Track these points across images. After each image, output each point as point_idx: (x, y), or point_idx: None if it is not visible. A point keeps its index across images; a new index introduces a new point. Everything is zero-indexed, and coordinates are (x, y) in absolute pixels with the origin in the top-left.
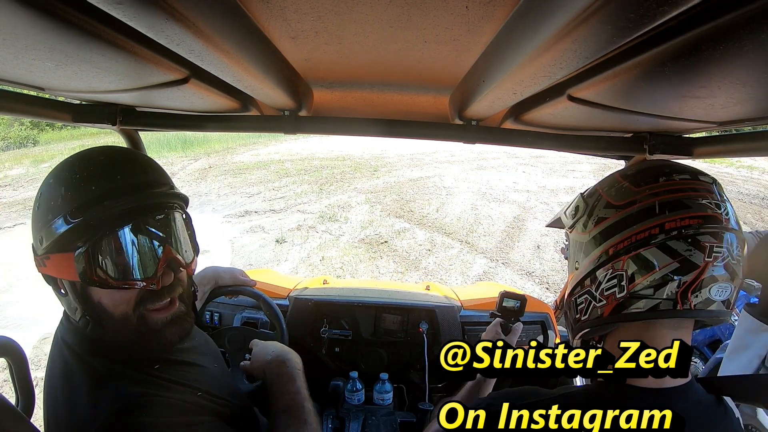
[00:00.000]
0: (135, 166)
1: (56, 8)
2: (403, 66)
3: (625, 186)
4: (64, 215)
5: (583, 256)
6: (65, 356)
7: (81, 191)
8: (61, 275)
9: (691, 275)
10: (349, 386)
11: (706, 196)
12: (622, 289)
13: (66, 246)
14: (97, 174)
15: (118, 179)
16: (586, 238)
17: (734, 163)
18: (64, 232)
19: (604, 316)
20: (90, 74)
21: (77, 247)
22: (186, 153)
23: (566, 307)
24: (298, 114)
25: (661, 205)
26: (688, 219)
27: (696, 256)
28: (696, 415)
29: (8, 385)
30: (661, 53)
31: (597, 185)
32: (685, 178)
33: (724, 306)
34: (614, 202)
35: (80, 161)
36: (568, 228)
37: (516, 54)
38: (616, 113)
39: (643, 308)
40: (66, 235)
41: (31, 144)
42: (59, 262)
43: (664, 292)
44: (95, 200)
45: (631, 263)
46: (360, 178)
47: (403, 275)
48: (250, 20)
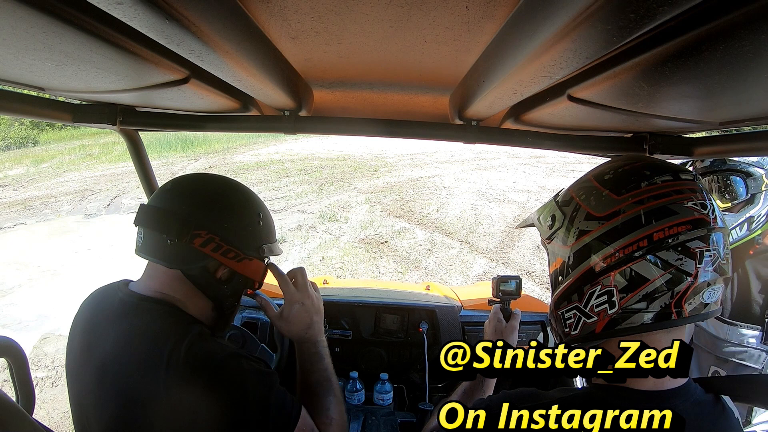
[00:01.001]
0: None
1: (56, 8)
2: (403, 66)
3: (605, 194)
4: (263, 244)
5: (566, 271)
6: (180, 318)
7: (269, 225)
8: (252, 275)
9: (683, 284)
10: (349, 386)
11: (690, 197)
12: (613, 305)
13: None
14: (268, 212)
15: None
16: (568, 252)
17: None
18: (264, 254)
19: (596, 332)
20: (90, 74)
21: (267, 258)
22: (186, 153)
23: (552, 318)
24: (298, 114)
25: (647, 215)
26: (676, 227)
27: (687, 265)
28: (695, 415)
29: (8, 385)
30: (661, 53)
31: (571, 190)
32: (667, 180)
33: (715, 305)
34: (595, 213)
35: (255, 198)
36: (545, 238)
37: (516, 54)
38: (616, 113)
39: (637, 323)
40: (264, 256)
41: (31, 144)
42: (254, 267)
43: (657, 305)
44: (270, 232)
45: (620, 278)
46: (360, 178)
47: (403, 275)
48: (250, 20)
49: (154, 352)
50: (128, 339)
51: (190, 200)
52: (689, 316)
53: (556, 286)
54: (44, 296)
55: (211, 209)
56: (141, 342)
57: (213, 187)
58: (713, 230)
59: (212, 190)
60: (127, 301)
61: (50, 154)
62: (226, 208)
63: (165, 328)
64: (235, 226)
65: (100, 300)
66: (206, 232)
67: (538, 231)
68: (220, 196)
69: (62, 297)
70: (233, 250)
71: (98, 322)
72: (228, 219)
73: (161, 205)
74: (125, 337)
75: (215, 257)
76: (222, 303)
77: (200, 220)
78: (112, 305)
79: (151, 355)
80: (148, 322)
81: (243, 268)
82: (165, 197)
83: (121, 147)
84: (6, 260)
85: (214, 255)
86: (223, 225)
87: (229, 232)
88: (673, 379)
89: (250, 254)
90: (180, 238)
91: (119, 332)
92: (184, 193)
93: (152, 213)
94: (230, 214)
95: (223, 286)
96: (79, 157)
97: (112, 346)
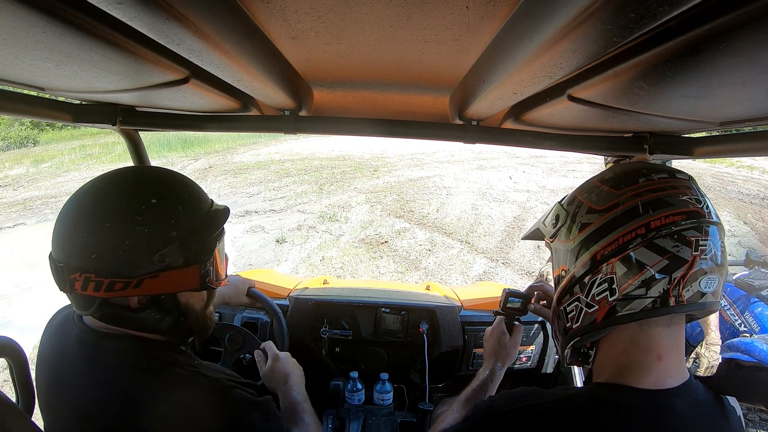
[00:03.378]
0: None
1: (56, 8)
2: (403, 66)
3: (606, 190)
4: (187, 233)
5: (569, 264)
6: (146, 353)
7: (196, 211)
8: (173, 288)
9: (680, 270)
10: (349, 386)
11: (685, 192)
12: (614, 292)
13: (192, 259)
14: (197, 193)
15: (207, 198)
16: (571, 246)
17: (734, 163)
18: (194, 246)
19: (597, 321)
20: (90, 74)
21: (203, 259)
22: (186, 153)
23: (554, 316)
24: (298, 114)
25: (644, 205)
26: (672, 216)
27: (684, 251)
28: (694, 414)
29: (8, 385)
30: (661, 53)
31: (575, 192)
32: (663, 177)
33: (713, 297)
34: (596, 206)
35: (175, 183)
36: (549, 237)
37: (516, 54)
38: (616, 113)
39: (637, 309)
40: (194, 249)
41: (31, 144)
42: (180, 276)
43: (656, 290)
44: (204, 218)
45: (620, 265)
46: (360, 178)
47: (404, 275)
48: (250, 20)
49: (129, 393)
50: (100, 382)
51: (59, 240)
52: (687, 303)
53: (559, 282)
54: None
55: (72, 243)
56: (113, 382)
57: (74, 209)
58: (708, 223)
59: (73, 211)
60: (84, 339)
61: (50, 154)
62: (90, 231)
63: (133, 377)
64: (103, 252)
65: (59, 338)
66: (79, 274)
67: (543, 234)
68: (80, 218)
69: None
70: (117, 279)
71: (61, 369)
72: (93, 247)
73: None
74: (97, 381)
75: (101, 296)
76: (158, 330)
77: (69, 261)
78: (71, 344)
79: (125, 395)
80: (114, 372)
81: (152, 287)
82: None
83: (121, 147)
84: (6, 261)
85: (97, 295)
86: (90, 258)
87: (103, 264)
88: (674, 377)
89: (144, 272)
90: (64, 290)
91: (89, 381)
92: (57, 235)
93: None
94: (94, 239)
95: (145, 313)
96: (79, 157)
97: (84, 390)
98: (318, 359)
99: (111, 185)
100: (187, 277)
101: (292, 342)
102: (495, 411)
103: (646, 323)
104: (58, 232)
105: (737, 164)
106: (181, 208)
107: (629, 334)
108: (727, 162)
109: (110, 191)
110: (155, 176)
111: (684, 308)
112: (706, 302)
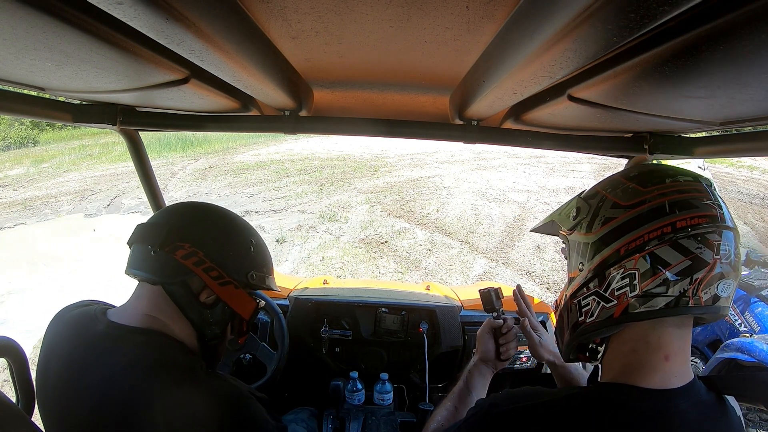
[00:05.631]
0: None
1: (56, 8)
2: (403, 66)
3: (632, 187)
4: (252, 270)
5: (589, 257)
6: (174, 352)
7: (263, 255)
8: (237, 306)
9: (701, 272)
10: (349, 386)
11: (708, 197)
12: (635, 288)
13: (253, 295)
14: (263, 244)
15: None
16: (592, 239)
17: (734, 163)
18: (253, 281)
19: (614, 316)
20: (90, 74)
21: (254, 296)
22: (186, 153)
23: (565, 310)
24: (298, 114)
25: (671, 205)
26: (697, 218)
27: (706, 254)
28: (696, 415)
29: (8, 385)
30: (661, 53)
31: (597, 187)
32: (688, 179)
33: (726, 302)
34: (622, 202)
35: (249, 228)
36: (567, 230)
37: (516, 54)
38: (616, 113)
39: (656, 306)
40: (253, 283)
41: (31, 144)
42: (246, 302)
43: (676, 290)
44: (263, 262)
45: (643, 262)
46: (360, 178)
47: (404, 275)
48: (250, 20)
49: (152, 387)
50: (124, 374)
51: (179, 215)
52: (704, 306)
53: (573, 276)
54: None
55: (198, 225)
56: (139, 375)
57: (206, 208)
58: (727, 228)
59: (205, 209)
60: (112, 334)
61: (50, 154)
62: (215, 225)
63: (159, 359)
64: (221, 245)
65: (77, 331)
66: (189, 245)
67: (560, 225)
68: (212, 215)
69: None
70: (216, 269)
71: (79, 358)
72: (215, 237)
73: (151, 221)
74: (121, 372)
75: (197, 272)
76: (203, 330)
77: (185, 233)
78: (94, 337)
79: (149, 389)
80: (140, 355)
81: (228, 294)
82: (157, 215)
83: (121, 147)
84: (6, 261)
85: (195, 269)
86: (209, 241)
87: (214, 251)
88: (680, 377)
89: (235, 278)
90: (162, 248)
91: (112, 367)
92: (176, 211)
93: (141, 228)
94: (218, 232)
95: (205, 310)
96: (79, 157)
97: (107, 384)
98: (318, 359)
99: (238, 216)
100: (247, 306)
101: (292, 342)
102: (498, 410)
103: (659, 322)
104: (185, 212)
105: (737, 164)
106: (253, 250)
107: (641, 332)
108: (727, 162)
109: (238, 219)
110: (233, 217)
111: (700, 310)
112: (720, 306)
